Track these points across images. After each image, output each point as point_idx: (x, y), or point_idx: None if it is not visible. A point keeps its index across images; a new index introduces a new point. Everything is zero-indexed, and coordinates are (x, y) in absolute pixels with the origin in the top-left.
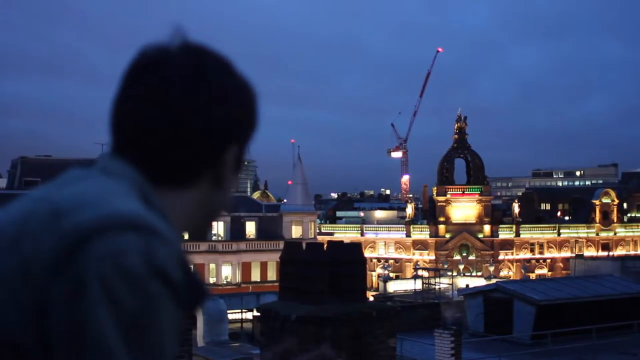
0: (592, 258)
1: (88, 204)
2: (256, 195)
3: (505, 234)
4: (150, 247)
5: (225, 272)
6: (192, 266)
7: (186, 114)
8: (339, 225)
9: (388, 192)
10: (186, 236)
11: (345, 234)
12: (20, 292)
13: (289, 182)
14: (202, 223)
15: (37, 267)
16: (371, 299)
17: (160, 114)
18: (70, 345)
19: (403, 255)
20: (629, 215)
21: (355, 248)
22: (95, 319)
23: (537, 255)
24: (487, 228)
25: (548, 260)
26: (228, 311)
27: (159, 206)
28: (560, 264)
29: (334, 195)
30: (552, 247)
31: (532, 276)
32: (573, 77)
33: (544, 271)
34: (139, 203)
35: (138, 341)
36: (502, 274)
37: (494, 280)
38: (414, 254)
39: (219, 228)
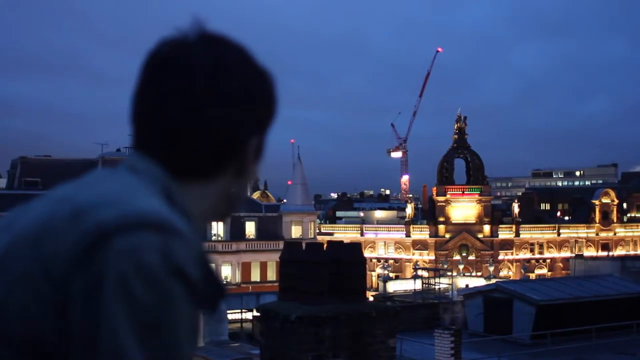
0: (591, 258)
1: (109, 202)
2: (256, 195)
3: (505, 234)
4: (168, 245)
5: (225, 272)
6: (212, 265)
7: (210, 108)
8: (339, 225)
9: (388, 192)
10: None
11: (345, 234)
12: (42, 291)
13: (289, 182)
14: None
15: (58, 266)
16: (371, 299)
17: (184, 108)
18: (83, 339)
19: (403, 255)
20: (628, 215)
21: (355, 248)
22: (109, 314)
23: (537, 255)
24: (486, 228)
25: (548, 260)
26: (228, 311)
27: (182, 204)
28: (560, 264)
29: (334, 195)
30: (551, 247)
31: (532, 276)
32: (574, 77)
33: (544, 271)
34: (160, 201)
35: (152, 337)
36: (501, 274)
37: (493, 280)
38: (413, 254)
39: (218, 228)
